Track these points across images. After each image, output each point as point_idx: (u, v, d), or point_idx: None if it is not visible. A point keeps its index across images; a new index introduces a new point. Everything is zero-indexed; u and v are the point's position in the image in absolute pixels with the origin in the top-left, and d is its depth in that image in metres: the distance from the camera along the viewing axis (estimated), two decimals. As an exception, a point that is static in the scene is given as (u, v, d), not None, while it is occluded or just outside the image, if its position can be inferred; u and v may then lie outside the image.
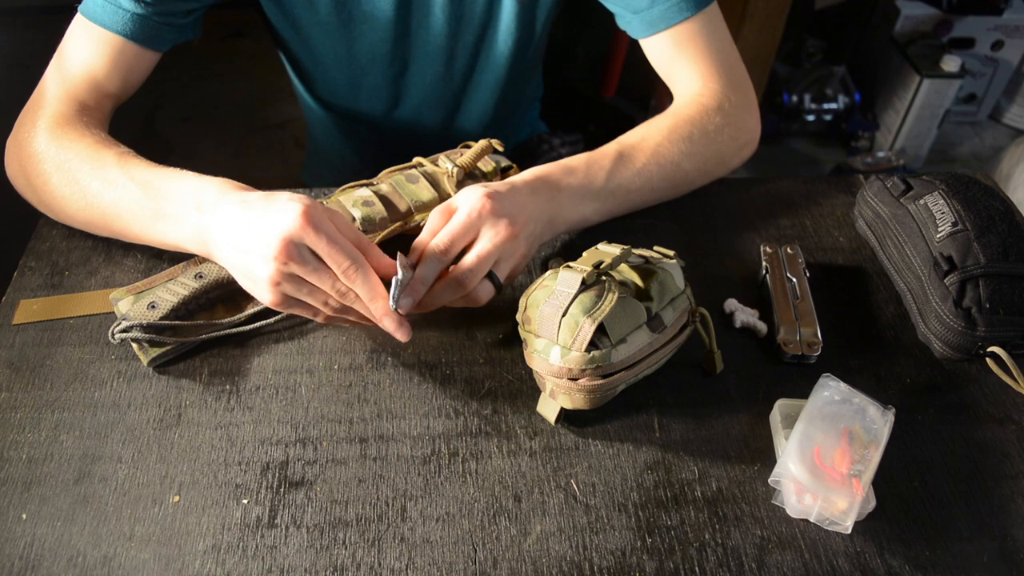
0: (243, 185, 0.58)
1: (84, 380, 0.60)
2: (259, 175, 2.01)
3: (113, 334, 0.59)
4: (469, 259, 0.57)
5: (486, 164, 0.73)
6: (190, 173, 0.60)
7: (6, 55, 2.08)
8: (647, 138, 0.70)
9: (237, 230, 0.54)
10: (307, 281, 0.54)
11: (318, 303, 0.55)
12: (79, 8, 0.68)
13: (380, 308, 0.55)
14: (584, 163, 0.67)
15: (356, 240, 0.55)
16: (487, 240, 0.57)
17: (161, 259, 0.69)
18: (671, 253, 0.59)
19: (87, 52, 0.69)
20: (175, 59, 0.75)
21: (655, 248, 0.60)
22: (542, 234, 0.63)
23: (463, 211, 0.57)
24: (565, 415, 0.58)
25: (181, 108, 2.22)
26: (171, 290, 0.61)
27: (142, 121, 2.16)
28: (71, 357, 0.62)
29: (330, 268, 0.53)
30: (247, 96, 2.28)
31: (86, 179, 0.62)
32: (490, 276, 0.58)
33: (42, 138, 0.65)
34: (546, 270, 0.59)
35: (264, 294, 0.55)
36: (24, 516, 0.52)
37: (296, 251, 0.52)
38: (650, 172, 0.70)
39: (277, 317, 0.63)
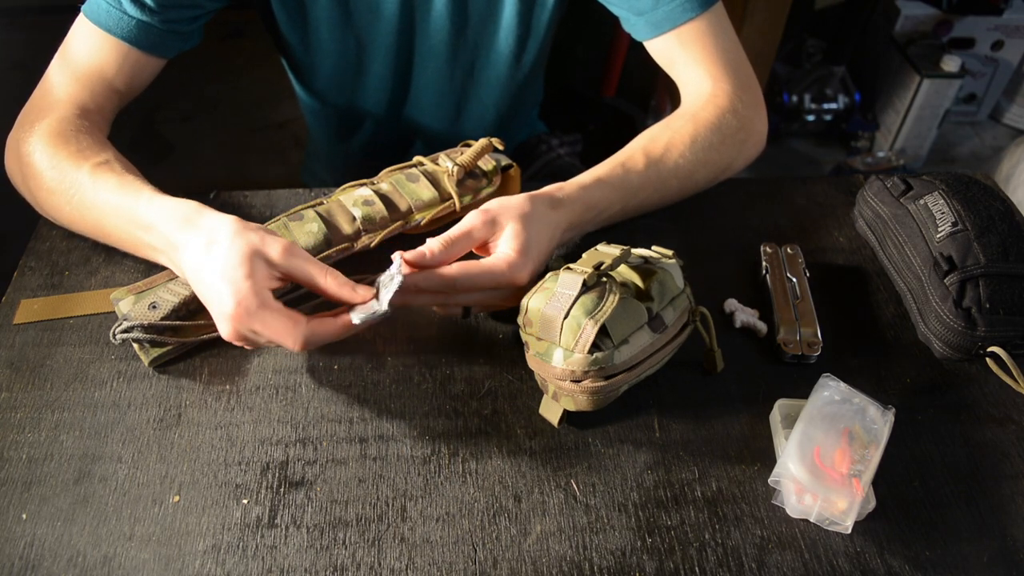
0: (188, 214, 0.56)
1: (84, 380, 0.60)
2: (259, 175, 2.02)
3: (114, 334, 0.59)
4: (468, 299, 0.59)
5: (486, 163, 0.73)
6: (144, 198, 0.59)
7: (6, 55, 2.08)
8: (671, 149, 0.70)
9: (196, 287, 0.55)
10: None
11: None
12: (82, 9, 0.68)
13: (349, 328, 0.55)
14: (620, 186, 0.67)
15: (306, 277, 0.54)
16: (496, 296, 0.59)
17: (161, 259, 0.69)
18: (670, 252, 0.59)
19: (91, 55, 0.68)
20: (175, 59, 0.75)
21: (653, 248, 0.60)
22: None
23: (500, 268, 0.57)
24: (567, 416, 0.58)
25: (181, 108, 2.22)
26: (172, 290, 0.61)
27: (142, 121, 2.16)
28: (71, 357, 0.62)
29: (278, 336, 0.53)
30: (247, 96, 2.28)
31: (68, 193, 0.63)
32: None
33: (35, 142, 0.65)
34: (546, 272, 0.58)
35: None
36: (24, 516, 0.52)
37: (243, 334, 0.53)
38: (668, 186, 0.70)
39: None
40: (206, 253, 0.53)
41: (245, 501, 0.53)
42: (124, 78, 0.70)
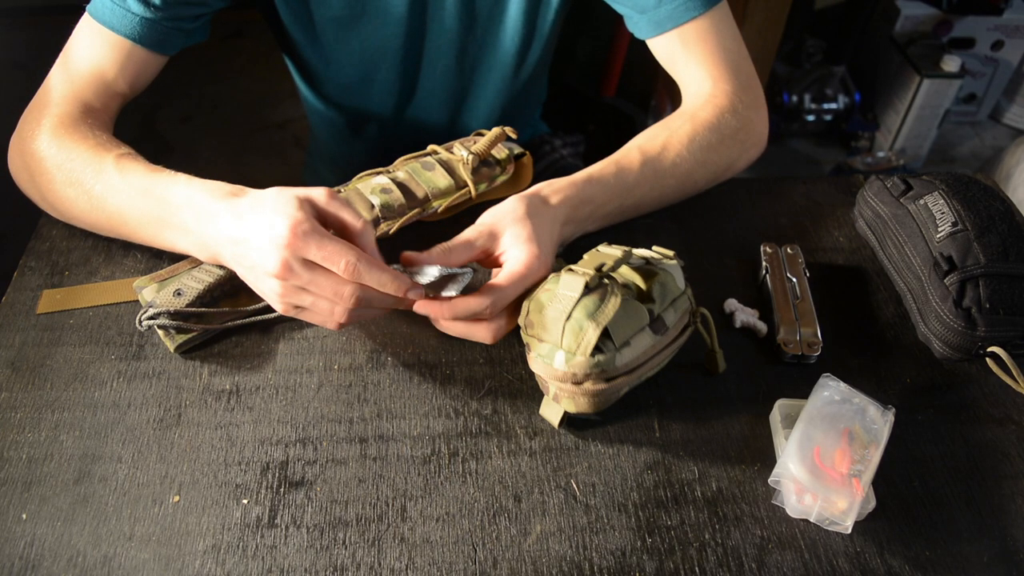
0: (234, 189, 0.57)
1: (84, 380, 0.60)
2: (259, 175, 2.02)
3: (140, 321, 0.60)
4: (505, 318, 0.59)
5: (500, 151, 0.73)
6: (182, 178, 0.60)
7: (6, 55, 2.08)
8: (668, 147, 0.69)
9: (236, 245, 0.55)
10: (309, 291, 0.54)
11: (324, 314, 0.55)
12: (87, 8, 0.68)
13: (401, 287, 0.53)
14: (613, 183, 0.66)
15: (350, 219, 0.54)
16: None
17: (160, 259, 0.69)
18: (671, 253, 0.59)
19: (94, 54, 0.69)
20: (175, 59, 0.75)
21: (654, 248, 0.60)
22: None
23: (521, 271, 0.56)
24: (567, 417, 0.58)
25: (181, 108, 2.23)
26: (196, 277, 0.62)
27: (142, 121, 2.16)
28: (71, 357, 0.62)
29: (327, 276, 0.52)
30: (247, 96, 2.28)
31: (89, 183, 0.62)
32: None
33: (45, 139, 0.65)
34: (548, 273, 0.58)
35: (274, 305, 0.56)
36: (24, 516, 0.52)
37: (293, 266, 0.52)
38: (665, 185, 0.70)
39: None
40: (252, 206, 0.54)
41: (245, 501, 0.53)
42: (128, 76, 0.70)
